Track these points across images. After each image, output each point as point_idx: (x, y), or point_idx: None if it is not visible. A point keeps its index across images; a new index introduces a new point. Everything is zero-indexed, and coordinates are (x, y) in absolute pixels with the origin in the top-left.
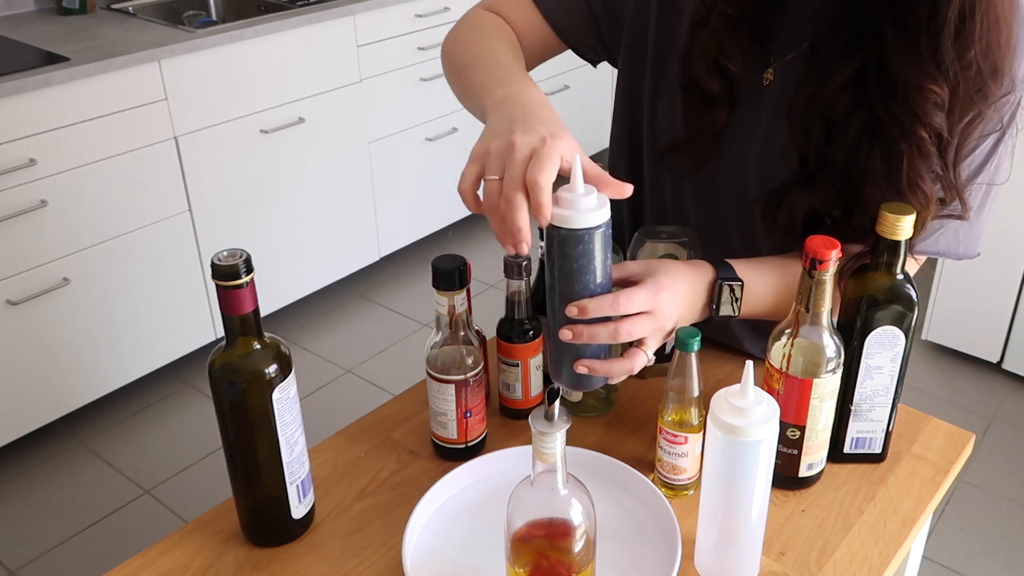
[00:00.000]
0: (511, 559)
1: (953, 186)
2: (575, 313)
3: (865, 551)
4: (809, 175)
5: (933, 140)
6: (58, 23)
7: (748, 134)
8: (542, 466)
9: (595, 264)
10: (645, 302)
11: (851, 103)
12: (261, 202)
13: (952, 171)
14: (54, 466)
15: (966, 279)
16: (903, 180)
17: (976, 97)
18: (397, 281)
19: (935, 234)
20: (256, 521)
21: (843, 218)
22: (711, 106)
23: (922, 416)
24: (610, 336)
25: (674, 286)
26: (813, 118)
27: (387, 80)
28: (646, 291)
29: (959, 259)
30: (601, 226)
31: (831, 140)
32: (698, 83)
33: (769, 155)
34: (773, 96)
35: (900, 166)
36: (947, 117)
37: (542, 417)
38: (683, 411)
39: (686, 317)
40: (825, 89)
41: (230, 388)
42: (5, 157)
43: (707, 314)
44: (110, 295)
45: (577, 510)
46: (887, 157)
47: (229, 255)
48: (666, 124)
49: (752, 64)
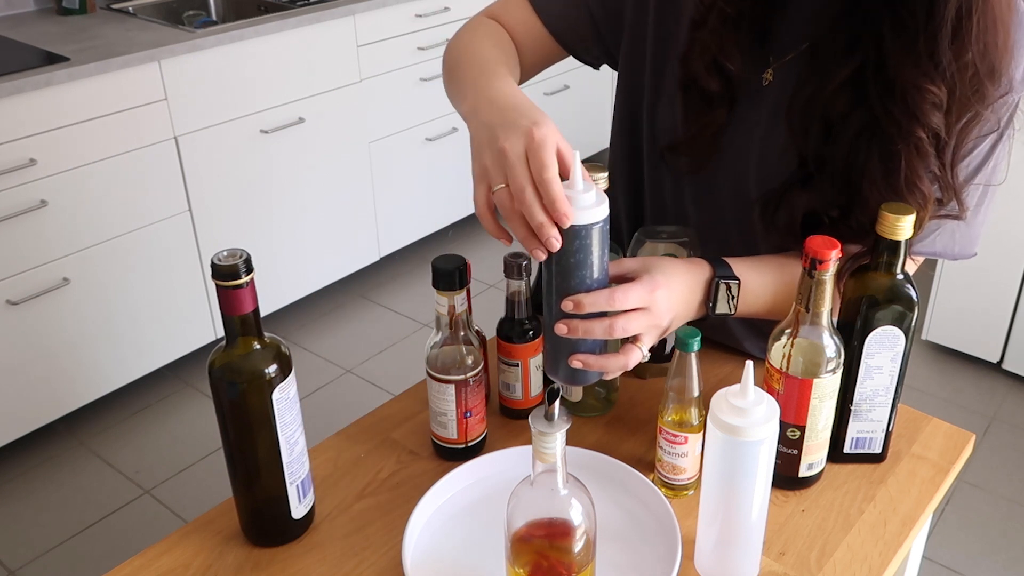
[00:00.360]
0: (511, 559)
1: (951, 186)
2: (571, 308)
3: (865, 551)
4: (808, 175)
5: (931, 140)
6: (58, 23)
7: (748, 134)
8: (542, 466)
9: (592, 260)
10: (641, 298)
11: (850, 103)
12: (261, 202)
13: (950, 171)
14: (54, 466)
15: (966, 279)
16: (901, 180)
17: (974, 98)
18: (397, 281)
19: (932, 235)
20: (256, 521)
21: (842, 218)
22: (711, 106)
23: (922, 416)
24: (605, 332)
25: (670, 283)
26: (812, 118)
27: (387, 80)
28: (642, 287)
29: (955, 259)
30: (599, 223)
31: (830, 140)
32: (697, 82)
33: (769, 155)
34: (773, 96)
35: (898, 166)
36: (945, 118)
37: (542, 417)
38: (683, 411)
39: (682, 314)
40: (824, 89)
41: (230, 388)
42: (5, 157)
43: (704, 312)
44: (110, 295)
45: (577, 510)
46: (885, 157)
47: (229, 255)
48: (666, 124)
49: (752, 64)
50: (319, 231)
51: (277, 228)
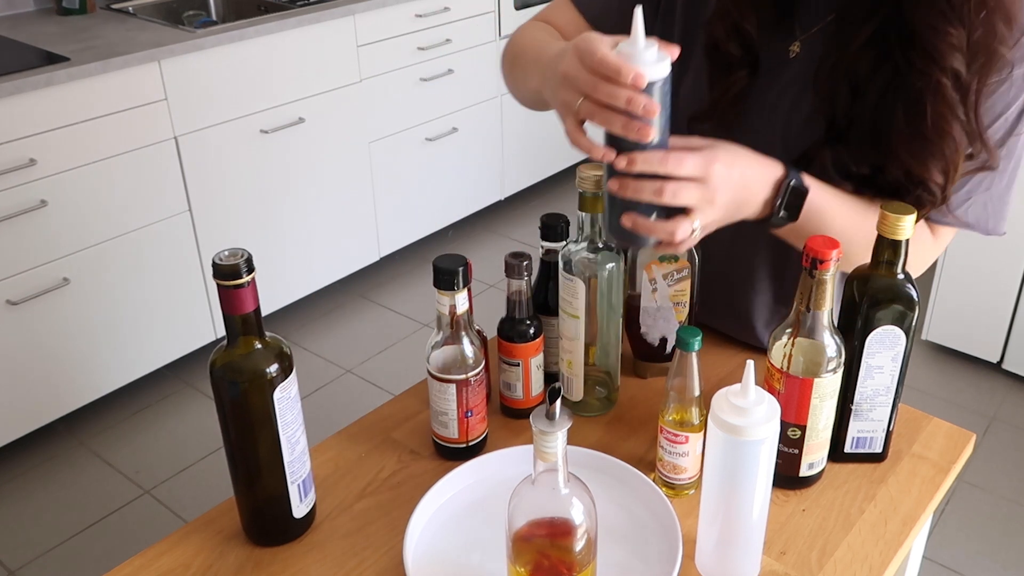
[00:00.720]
0: (512, 558)
1: (977, 133)
2: (623, 165)
3: (866, 551)
4: (837, 135)
5: (953, 85)
6: (58, 23)
7: (774, 106)
8: (543, 465)
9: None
10: (697, 167)
11: (874, 62)
12: (261, 202)
13: (975, 117)
14: (54, 466)
15: (966, 279)
16: (928, 126)
17: (992, 39)
18: (397, 281)
19: (964, 204)
20: (257, 520)
21: (873, 175)
22: (731, 70)
23: (922, 416)
24: (655, 193)
25: (733, 162)
26: (839, 82)
27: (387, 80)
28: (700, 156)
29: (987, 234)
30: (658, 81)
31: (857, 101)
32: (719, 48)
33: (795, 124)
34: (799, 67)
35: (924, 113)
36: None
37: (543, 416)
38: (684, 410)
39: (740, 201)
40: (848, 51)
41: (231, 387)
42: (5, 157)
43: (767, 212)
44: (110, 295)
45: (578, 509)
46: (910, 106)
47: (230, 254)
48: (692, 95)
49: (778, 37)
50: (319, 231)
51: (277, 228)
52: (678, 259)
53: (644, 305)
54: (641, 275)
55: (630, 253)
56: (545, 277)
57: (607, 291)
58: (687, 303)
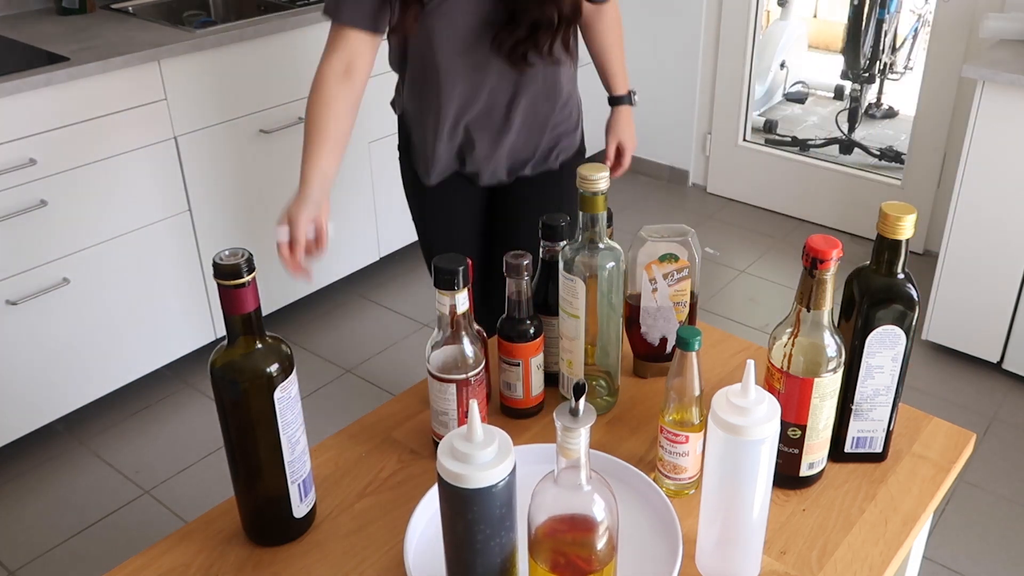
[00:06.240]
0: (532, 554)
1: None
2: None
3: (866, 550)
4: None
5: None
6: (58, 23)
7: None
8: (565, 462)
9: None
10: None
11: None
12: (261, 202)
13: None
14: (54, 466)
15: (966, 279)
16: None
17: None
18: (397, 281)
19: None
20: (257, 520)
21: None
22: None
23: (923, 416)
24: None
25: None
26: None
27: (387, 80)
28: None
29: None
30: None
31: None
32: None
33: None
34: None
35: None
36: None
37: (567, 412)
38: (684, 410)
39: None
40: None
41: (232, 387)
42: (5, 157)
43: None
44: (110, 295)
45: (600, 506)
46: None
47: (231, 254)
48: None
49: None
50: None
51: None
52: (678, 259)
53: (644, 305)
54: (641, 275)
55: (629, 252)
56: (545, 277)
57: (607, 291)
58: (687, 303)
